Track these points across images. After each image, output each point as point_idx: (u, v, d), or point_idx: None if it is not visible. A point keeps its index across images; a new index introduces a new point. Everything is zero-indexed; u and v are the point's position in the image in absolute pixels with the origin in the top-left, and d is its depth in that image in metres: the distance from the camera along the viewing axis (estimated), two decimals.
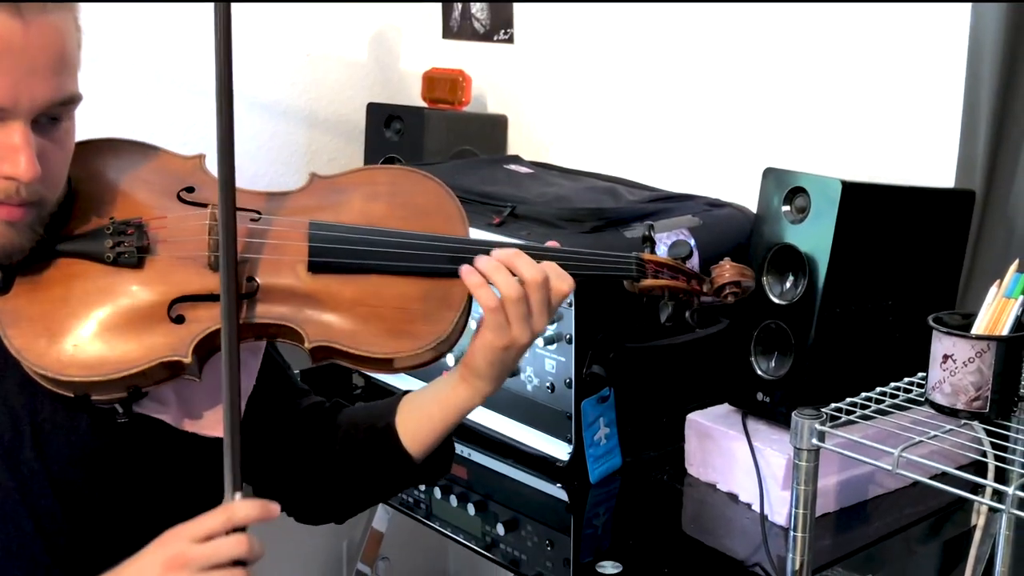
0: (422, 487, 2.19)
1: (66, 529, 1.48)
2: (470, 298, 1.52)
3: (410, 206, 1.58)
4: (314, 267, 1.49)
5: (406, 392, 1.68)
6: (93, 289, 1.43)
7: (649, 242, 1.70)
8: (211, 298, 1.43)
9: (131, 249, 1.43)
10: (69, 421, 1.47)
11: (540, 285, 1.51)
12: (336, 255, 1.50)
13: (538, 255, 1.56)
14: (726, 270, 1.68)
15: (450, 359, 2.07)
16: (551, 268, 1.53)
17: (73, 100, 1.38)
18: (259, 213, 1.51)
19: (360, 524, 3.30)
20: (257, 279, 1.47)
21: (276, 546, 3.42)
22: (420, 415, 1.63)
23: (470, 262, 1.51)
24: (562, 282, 1.54)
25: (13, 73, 1.29)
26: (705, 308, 1.71)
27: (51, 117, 1.36)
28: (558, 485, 2.16)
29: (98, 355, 1.39)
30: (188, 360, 1.41)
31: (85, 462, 1.48)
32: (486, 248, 1.54)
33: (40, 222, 1.39)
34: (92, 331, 1.41)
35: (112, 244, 1.43)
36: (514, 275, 1.51)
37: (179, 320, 1.43)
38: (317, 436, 1.68)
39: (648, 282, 1.64)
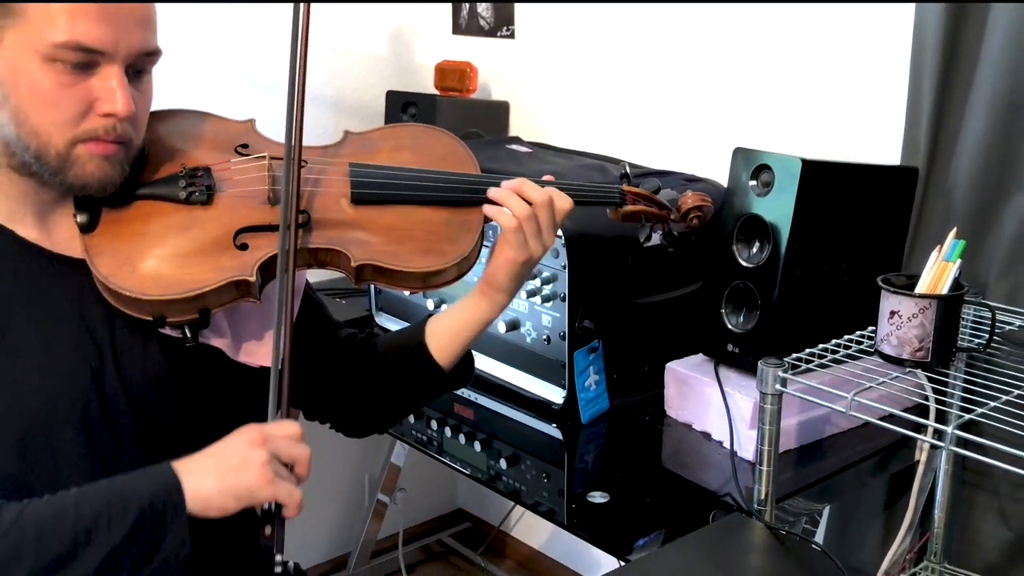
0: (434, 427, 2.19)
1: (140, 443, 1.50)
2: (484, 224, 1.60)
3: (429, 153, 1.66)
4: (356, 199, 1.56)
5: (428, 316, 1.71)
6: (168, 224, 1.48)
7: (626, 177, 1.76)
8: (270, 228, 1.50)
9: (201, 188, 1.49)
10: (144, 348, 1.49)
11: (547, 204, 1.58)
12: (374, 187, 1.57)
13: (539, 184, 1.62)
14: (689, 198, 1.77)
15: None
16: (552, 190, 1.60)
17: (156, 53, 1.43)
18: (306, 161, 1.57)
19: (380, 459, 3.31)
20: (308, 211, 1.52)
21: (308, 479, 3.43)
22: (446, 331, 1.67)
23: (485, 192, 1.59)
24: (564, 201, 1.61)
25: (115, 23, 1.35)
26: (675, 231, 1.79)
27: (136, 69, 1.41)
28: (553, 425, 2.16)
29: (175, 277, 1.43)
30: (253, 279, 1.45)
31: (158, 384, 1.50)
32: (496, 180, 1.60)
33: (128, 160, 1.44)
34: (168, 258, 1.45)
35: (184, 185, 1.49)
36: (524, 199, 1.57)
37: (243, 247, 1.48)
38: (356, 361, 1.72)
39: (629, 208, 1.73)
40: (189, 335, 1.47)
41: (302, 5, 1.48)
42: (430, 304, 2.41)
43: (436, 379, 1.68)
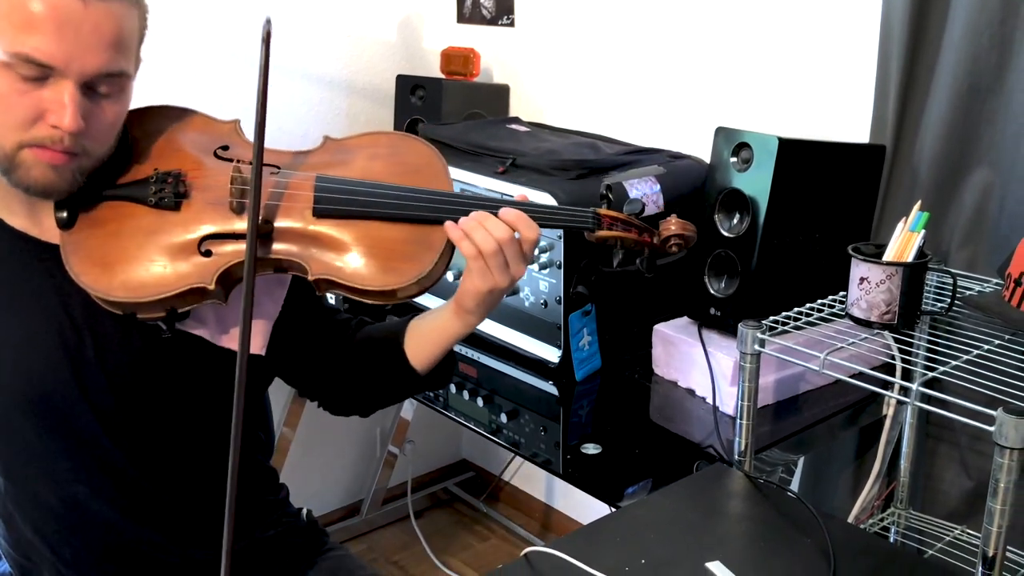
0: None
1: (119, 419, 1.48)
2: (450, 242, 1.46)
3: (404, 164, 1.53)
4: (318, 212, 1.45)
5: (414, 315, 1.64)
6: (139, 227, 1.41)
7: (606, 199, 1.62)
8: (234, 236, 1.42)
9: (169, 195, 1.42)
10: (124, 335, 1.46)
11: (510, 241, 1.44)
12: (336, 203, 1.46)
13: (511, 205, 1.49)
14: (672, 224, 1.57)
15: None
16: (520, 220, 1.45)
17: (122, 75, 1.35)
18: (278, 167, 1.49)
19: (391, 414, 3.31)
20: (271, 221, 1.44)
21: (325, 433, 3.43)
22: (422, 339, 1.59)
23: (451, 214, 1.46)
24: (530, 231, 1.45)
25: (68, 41, 1.27)
26: (654, 256, 1.60)
27: (97, 88, 1.33)
28: (550, 382, 2.15)
29: (139, 280, 1.38)
30: (212, 287, 1.39)
31: (138, 366, 1.47)
32: (464, 200, 1.48)
33: (82, 171, 1.37)
34: (136, 261, 1.40)
35: (154, 190, 1.42)
36: (488, 233, 1.44)
37: (207, 254, 1.41)
38: (343, 347, 1.65)
39: (603, 233, 1.54)
40: (164, 327, 1.43)
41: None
42: (450, 276, 2.32)
43: (410, 380, 1.61)
